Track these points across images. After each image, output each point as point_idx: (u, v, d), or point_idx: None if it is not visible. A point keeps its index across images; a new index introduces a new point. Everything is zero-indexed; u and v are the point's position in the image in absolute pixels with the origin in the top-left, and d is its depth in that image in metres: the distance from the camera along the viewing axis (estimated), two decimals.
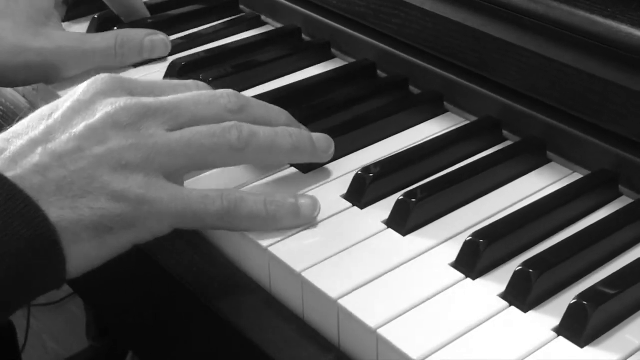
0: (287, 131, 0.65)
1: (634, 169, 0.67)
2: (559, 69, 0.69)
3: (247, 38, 0.91)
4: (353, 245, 0.62)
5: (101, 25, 0.91)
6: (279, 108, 0.68)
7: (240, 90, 0.80)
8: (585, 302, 0.55)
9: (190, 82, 0.67)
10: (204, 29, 0.92)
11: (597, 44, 0.66)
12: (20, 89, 0.86)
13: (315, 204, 0.64)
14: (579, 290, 0.56)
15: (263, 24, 0.95)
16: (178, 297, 0.65)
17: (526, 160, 0.71)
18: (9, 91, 0.87)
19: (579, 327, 0.54)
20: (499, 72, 0.74)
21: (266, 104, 0.68)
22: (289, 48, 0.88)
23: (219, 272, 0.64)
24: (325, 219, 0.65)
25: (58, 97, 0.82)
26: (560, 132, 0.70)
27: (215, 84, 0.80)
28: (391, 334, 0.55)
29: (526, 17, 0.71)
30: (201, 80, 0.80)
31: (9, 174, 0.56)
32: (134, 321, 0.75)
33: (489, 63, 0.74)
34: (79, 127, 0.59)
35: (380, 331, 0.55)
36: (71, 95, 0.62)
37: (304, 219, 0.64)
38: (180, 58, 0.85)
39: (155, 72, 0.85)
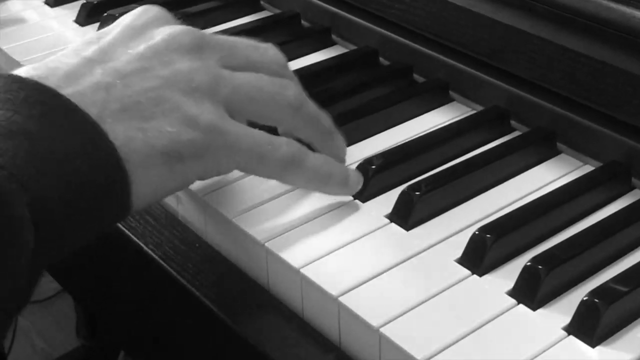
0: (326, 158, 0.65)
1: None
2: (570, 56, 0.69)
3: (244, 24, 0.91)
4: (354, 240, 0.62)
5: (91, 11, 0.91)
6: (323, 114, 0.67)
7: None
8: (597, 300, 0.55)
9: (262, 45, 0.66)
10: (199, 13, 0.92)
11: (610, 31, 0.66)
12: None
13: (360, 177, 0.65)
14: (590, 288, 0.56)
15: (261, 9, 0.95)
16: (170, 295, 0.65)
17: (535, 152, 0.71)
18: None
19: (590, 326, 0.54)
20: (507, 60, 0.74)
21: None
22: (288, 34, 0.88)
23: (214, 270, 0.64)
24: (326, 212, 0.64)
25: None
26: (571, 122, 0.70)
27: None
28: (394, 333, 0.55)
29: (536, 2, 0.71)
30: None
31: (66, 91, 0.53)
32: (125, 320, 0.75)
33: (497, 50, 0.74)
34: (139, 48, 0.58)
35: (383, 330, 0.55)
36: (119, 22, 0.60)
37: (350, 189, 0.64)
38: None
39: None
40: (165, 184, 0.57)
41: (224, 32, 0.88)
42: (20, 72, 0.55)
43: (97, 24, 0.88)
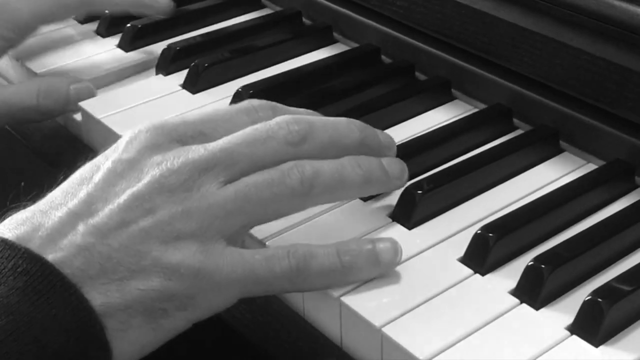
0: (355, 161, 0.60)
1: None
2: (573, 54, 0.69)
3: (245, 21, 0.91)
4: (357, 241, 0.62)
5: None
6: (347, 119, 0.62)
7: (238, 77, 0.81)
8: (600, 299, 0.55)
9: (244, 104, 0.62)
10: (199, 11, 0.92)
11: (613, 28, 0.66)
12: None
13: (395, 247, 0.59)
14: (594, 287, 0.56)
15: (262, 6, 0.95)
16: None
17: (538, 150, 0.71)
18: None
19: (593, 326, 0.54)
20: (510, 58, 0.74)
21: (332, 119, 0.61)
22: (289, 32, 0.88)
23: None
24: (328, 212, 0.64)
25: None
26: (574, 120, 0.70)
27: (212, 70, 0.80)
28: (396, 332, 0.55)
29: (539, 0, 0.70)
30: (197, 65, 0.80)
31: (50, 257, 0.53)
32: None
33: (499, 48, 0.74)
34: (123, 196, 0.55)
35: (385, 330, 0.55)
36: (113, 152, 0.58)
37: (385, 267, 0.59)
38: (175, 42, 0.85)
39: (149, 55, 0.85)
40: (150, 341, 0.55)
41: (226, 31, 0.89)
42: (11, 231, 0.54)
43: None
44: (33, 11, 0.78)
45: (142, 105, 0.78)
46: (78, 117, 0.79)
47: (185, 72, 0.82)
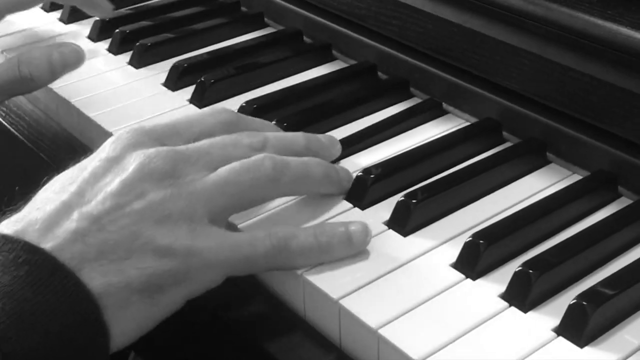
0: (314, 160, 0.65)
1: (633, 170, 0.67)
2: (560, 71, 0.69)
3: (249, 40, 0.91)
4: None
5: (104, 27, 0.92)
6: (294, 133, 0.67)
7: (242, 92, 0.81)
8: (584, 303, 0.55)
9: (209, 108, 0.66)
10: (205, 29, 0.92)
11: (597, 46, 0.66)
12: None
13: (365, 230, 0.61)
14: (579, 291, 0.56)
15: (265, 25, 0.95)
16: None
17: (526, 162, 0.71)
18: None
19: (578, 327, 0.54)
20: (499, 74, 0.74)
21: (283, 133, 0.66)
22: (291, 50, 0.88)
23: None
24: (326, 219, 0.64)
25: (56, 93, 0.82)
26: (560, 133, 0.70)
27: (218, 85, 0.80)
28: (392, 334, 0.55)
29: (527, 19, 0.71)
30: (204, 81, 0.81)
31: (47, 245, 0.54)
32: None
33: (490, 65, 0.74)
34: (113, 183, 0.57)
35: (381, 331, 0.55)
36: (98, 154, 0.60)
37: (357, 247, 0.61)
38: (183, 60, 0.85)
39: (160, 73, 0.86)
40: (149, 316, 0.56)
41: (231, 49, 0.89)
42: (9, 227, 0.55)
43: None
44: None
45: (152, 119, 0.78)
46: (92, 131, 0.79)
47: (192, 87, 0.82)
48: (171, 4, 0.95)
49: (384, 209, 0.65)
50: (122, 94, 0.83)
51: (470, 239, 0.60)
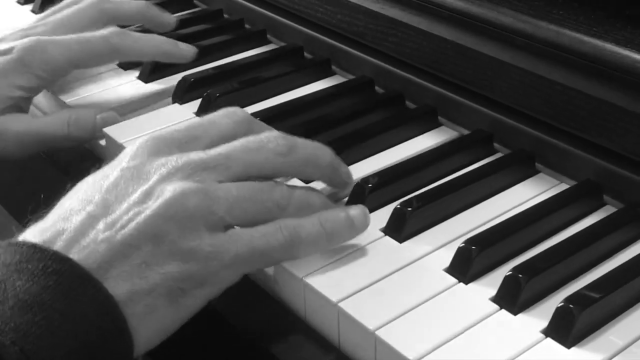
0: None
1: (617, 180, 0.67)
2: (548, 85, 0.69)
3: (253, 56, 0.91)
4: (352, 252, 0.62)
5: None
6: (323, 146, 0.65)
7: (245, 105, 0.81)
8: (571, 305, 0.55)
9: (222, 110, 0.64)
10: (211, 46, 0.92)
11: (583, 62, 0.66)
12: None
13: (364, 212, 0.62)
14: (566, 294, 0.57)
15: (267, 42, 0.95)
16: None
17: (516, 172, 0.71)
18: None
19: (565, 329, 0.55)
20: (491, 88, 0.74)
21: (312, 143, 0.64)
22: (292, 65, 0.88)
23: None
24: None
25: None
26: (548, 144, 0.71)
27: (223, 99, 0.81)
28: (388, 335, 0.55)
29: (516, 36, 0.71)
30: (209, 94, 0.81)
31: (75, 256, 0.53)
32: None
33: (481, 79, 0.74)
34: (136, 194, 0.56)
35: (379, 333, 0.55)
36: (119, 162, 0.59)
37: (359, 230, 0.62)
38: (190, 74, 0.86)
39: (167, 87, 0.86)
40: (172, 320, 0.56)
41: (236, 64, 0.89)
42: (36, 237, 0.54)
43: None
44: (68, 58, 0.78)
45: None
46: (103, 142, 0.79)
47: (198, 101, 0.82)
48: (180, 22, 0.95)
49: (381, 216, 0.66)
50: (132, 108, 0.84)
51: (463, 244, 0.61)
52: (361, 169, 0.72)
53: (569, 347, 0.55)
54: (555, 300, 0.57)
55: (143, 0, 0.90)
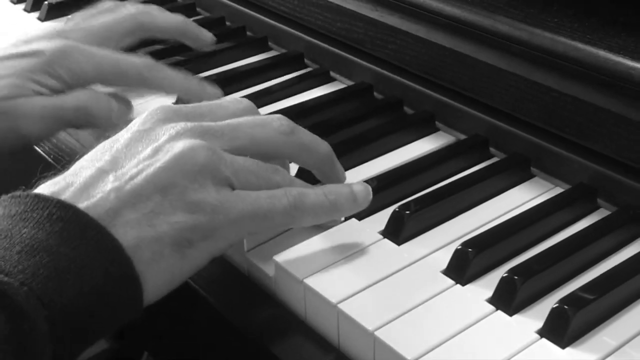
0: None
1: (611, 184, 0.67)
2: (543, 91, 0.69)
3: (254, 62, 0.91)
4: (352, 254, 0.62)
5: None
6: (322, 140, 0.66)
7: None
8: (566, 307, 0.55)
9: (236, 97, 0.66)
10: (212, 52, 0.92)
11: (578, 68, 0.67)
12: (72, 131, 0.82)
13: (367, 189, 0.63)
14: (561, 296, 0.57)
15: (269, 49, 0.95)
16: (186, 298, 0.65)
17: (511, 176, 0.71)
18: (63, 134, 0.83)
19: (560, 330, 0.55)
20: (487, 94, 0.74)
21: (312, 134, 0.65)
22: (292, 71, 0.88)
23: (228, 279, 0.64)
24: (326, 229, 0.64)
25: None
26: (543, 149, 0.71)
27: None
28: (387, 335, 0.55)
29: (512, 43, 0.71)
30: None
31: (82, 205, 0.53)
32: (149, 322, 0.75)
33: (478, 86, 0.74)
34: (146, 150, 0.57)
35: (377, 333, 0.55)
36: (130, 127, 0.60)
37: (361, 205, 0.63)
38: None
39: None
40: (179, 271, 0.56)
41: (237, 69, 0.89)
42: (44, 190, 0.55)
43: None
44: (97, 75, 0.76)
45: None
46: None
47: None
48: None
49: (380, 219, 0.66)
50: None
51: (460, 247, 0.61)
52: (360, 173, 0.72)
53: (563, 347, 0.55)
54: (550, 302, 0.57)
55: (182, 16, 0.89)
